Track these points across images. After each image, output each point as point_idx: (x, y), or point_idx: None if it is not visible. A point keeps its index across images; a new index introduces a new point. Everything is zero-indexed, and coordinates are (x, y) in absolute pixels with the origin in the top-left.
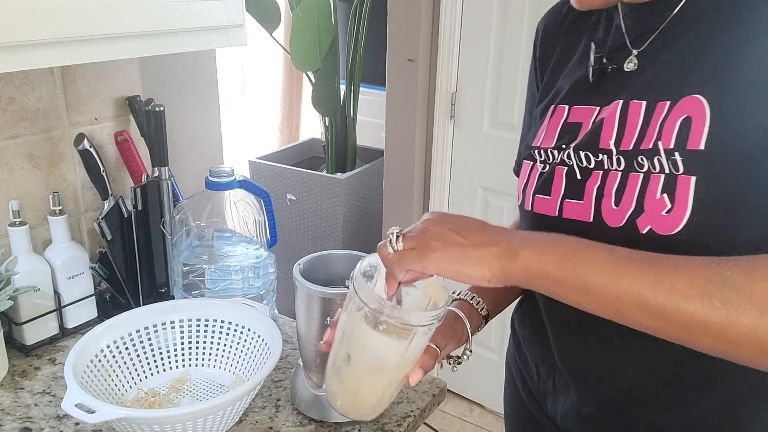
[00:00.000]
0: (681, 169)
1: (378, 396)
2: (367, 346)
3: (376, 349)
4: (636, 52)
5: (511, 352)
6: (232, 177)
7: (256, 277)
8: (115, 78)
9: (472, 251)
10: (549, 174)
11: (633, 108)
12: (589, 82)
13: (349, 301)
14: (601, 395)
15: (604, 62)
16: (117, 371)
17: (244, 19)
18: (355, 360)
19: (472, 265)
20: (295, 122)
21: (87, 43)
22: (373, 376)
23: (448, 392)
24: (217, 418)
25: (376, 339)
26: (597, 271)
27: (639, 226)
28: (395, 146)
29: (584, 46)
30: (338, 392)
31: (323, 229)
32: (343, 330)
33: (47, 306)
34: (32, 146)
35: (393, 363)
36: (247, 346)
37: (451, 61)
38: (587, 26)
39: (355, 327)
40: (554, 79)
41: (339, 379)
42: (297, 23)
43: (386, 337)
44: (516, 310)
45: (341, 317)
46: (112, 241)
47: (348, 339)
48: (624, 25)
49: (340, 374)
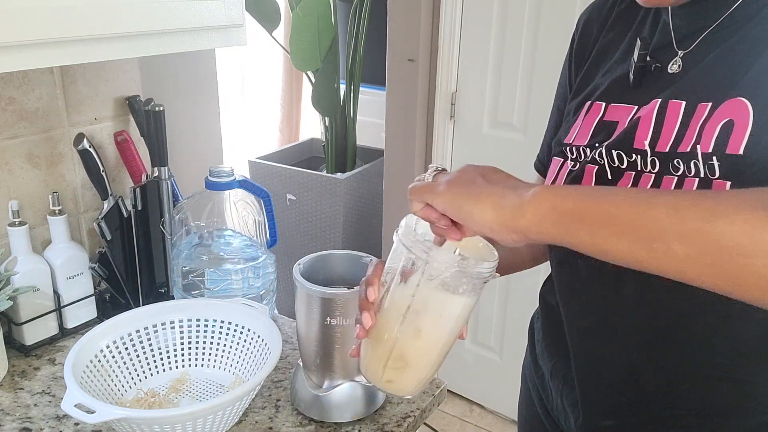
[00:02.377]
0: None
1: (441, 361)
2: (445, 313)
3: (456, 313)
4: (682, 54)
5: (528, 365)
6: (232, 177)
7: (255, 277)
8: (114, 78)
9: (484, 192)
10: (579, 172)
11: (672, 108)
12: (630, 80)
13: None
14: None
15: (648, 60)
16: (116, 371)
17: (243, 18)
18: (428, 331)
19: (477, 207)
20: (295, 122)
21: (87, 43)
22: (446, 342)
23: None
24: (216, 419)
25: (456, 303)
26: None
27: None
28: (395, 146)
29: (629, 41)
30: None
31: (323, 229)
32: (407, 305)
33: (47, 306)
34: (32, 146)
35: (463, 321)
36: (247, 346)
37: (451, 61)
38: (634, 21)
39: (430, 297)
40: (592, 75)
41: (402, 359)
42: (297, 23)
43: (465, 297)
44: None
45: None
46: (111, 241)
47: (416, 313)
48: (672, 23)
49: (405, 352)
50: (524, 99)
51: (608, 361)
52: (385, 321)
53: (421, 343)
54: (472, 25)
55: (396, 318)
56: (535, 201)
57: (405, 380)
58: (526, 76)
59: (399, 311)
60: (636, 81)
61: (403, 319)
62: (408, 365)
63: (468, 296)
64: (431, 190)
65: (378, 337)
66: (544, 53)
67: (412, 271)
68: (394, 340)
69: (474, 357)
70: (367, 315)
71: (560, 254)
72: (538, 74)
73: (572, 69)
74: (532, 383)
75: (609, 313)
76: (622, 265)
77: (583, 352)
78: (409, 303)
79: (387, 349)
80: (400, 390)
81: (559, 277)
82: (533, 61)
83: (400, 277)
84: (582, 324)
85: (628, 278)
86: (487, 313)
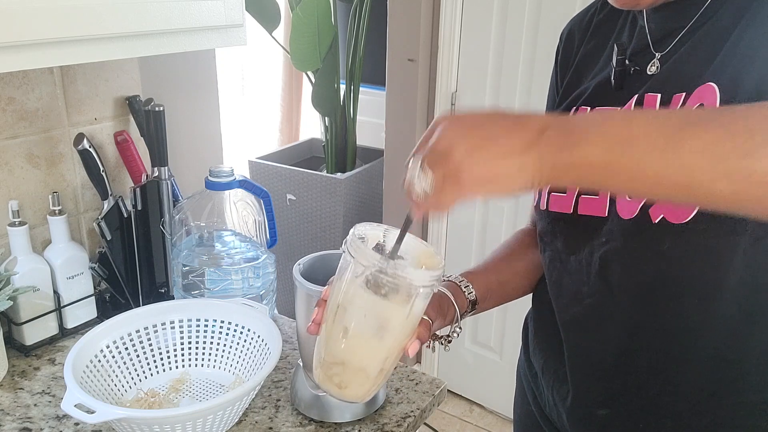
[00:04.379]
0: None
1: (376, 369)
2: (368, 313)
3: (377, 315)
4: (659, 55)
5: (522, 364)
6: (232, 177)
7: (255, 277)
8: (114, 78)
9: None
10: None
11: (648, 100)
12: (612, 83)
13: (344, 271)
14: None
15: (627, 64)
16: (116, 371)
17: (243, 18)
18: (355, 331)
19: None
20: (294, 122)
21: (87, 43)
22: (373, 346)
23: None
24: (216, 419)
25: (378, 304)
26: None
27: (651, 215)
28: (395, 146)
29: (610, 48)
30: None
31: (323, 229)
32: (337, 303)
33: (47, 306)
34: (32, 146)
35: (395, 330)
36: (247, 347)
37: (451, 61)
38: (614, 29)
39: (355, 295)
40: (577, 82)
41: (333, 357)
42: (297, 23)
43: (388, 301)
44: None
45: (332, 292)
46: (111, 241)
47: (344, 310)
48: (647, 27)
49: (336, 350)
50: (524, 99)
51: (599, 349)
52: (325, 318)
53: (349, 342)
54: (472, 25)
55: (331, 314)
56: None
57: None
58: (526, 76)
59: (332, 308)
60: (617, 84)
61: (334, 317)
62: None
63: (394, 301)
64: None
65: (321, 333)
66: (544, 53)
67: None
68: (327, 336)
69: (474, 357)
70: (316, 309)
71: (551, 252)
72: (537, 74)
73: (558, 78)
74: (526, 382)
75: (596, 301)
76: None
77: (575, 343)
78: (339, 300)
79: (322, 346)
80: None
81: (550, 275)
82: (533, 62)
83: (338, 275)
84: (572, 315)
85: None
86: (487, 313)
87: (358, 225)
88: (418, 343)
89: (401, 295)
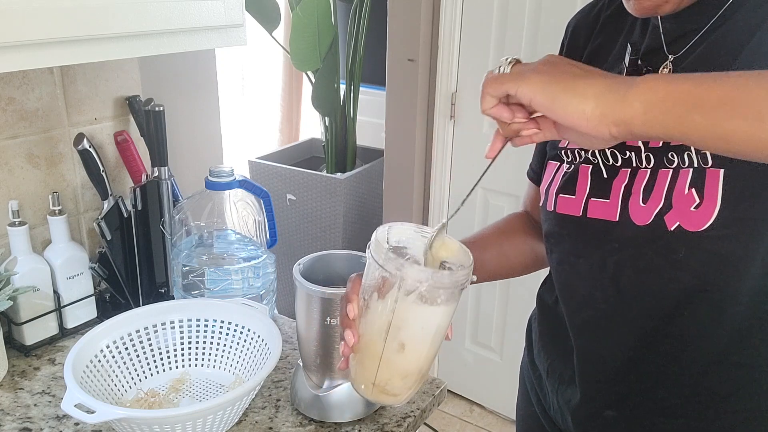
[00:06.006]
0: (710, 162)
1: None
2: (426, 325)
3: (437, 323)
4: (672, 58)
5: (526, 365)
6: (232, 177)
7: (255, 277)
8: (114, 78)
9: (581, 81)
10: (573, 173)
11: None
12: None
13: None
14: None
15: (639, 64)
16: (116, 371)
17: (243, 18)
18: (412, 345)
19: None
20: (294, 122)
21: (87, 43)
22: (430, 350)
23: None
24: (216, 419)
25: (436, 314)
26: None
27: (667, 223)
28: (395, 146)
29: (620, 46)
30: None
31: (323, 229)
32: (387, 323)
33: (47, 306)
34: (32, 146)
35: (446, 328)
36: (247, 347)
37: (451, 61)
38: (624, 26)
39: (408, 312)
40: None
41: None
42: (297, 23)
43: (443, 307)
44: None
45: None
46: (111, 241)
47: (397, 329)
48: (662, 27)
49: (393, 367)
50: None
51: (610, 353)
52: (369, 338)
53: (406, 356)
54: (472, 25)
55: (378, 335)
56: (645, 88)
57: (395, 390)
58: None
59: (381, 328)
60: None
61: (386, 336)
62: (396, 377)
63: (447, 305)
64: (517, 78)
65: (364, 352)
66: (544, 53)
67: (387, 287)
68: (379, 356)
69: (474, 357)
70: (350, 332)
71: (559, 254)
72: None
73: None
74: (530, 383)
75: (608, 306)
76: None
77: (585, 346)
78: (390, 319)
79: (374, 364)
80: (392, 400)
81: (559, 276)
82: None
83: (377, 294)
84: (582, 319)
85: (627, 271)
86: (488, 313)
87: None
88: None
89: (455, 296)
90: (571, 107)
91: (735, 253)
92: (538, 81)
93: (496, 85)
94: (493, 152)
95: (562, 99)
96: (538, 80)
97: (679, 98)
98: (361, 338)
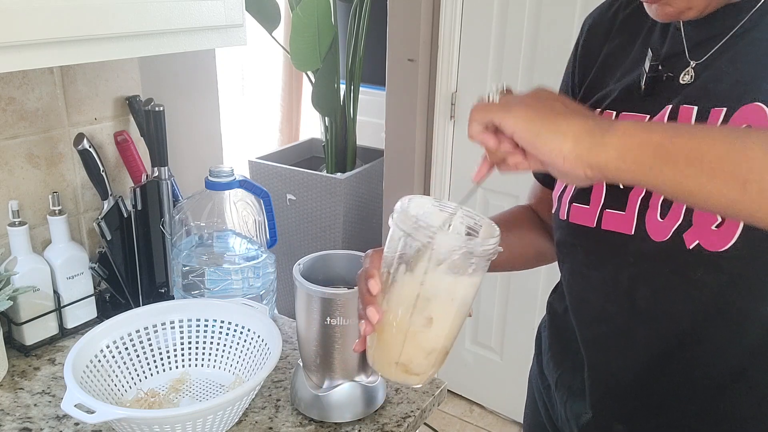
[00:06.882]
0: None
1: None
2: (455, 296)
3: (466, 294)
4: (694, 64)
5: (534, 374)
6: (232, 177)
7: (255, 277)
8: (114, 78)
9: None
10: None
11: (683, 113)
12: (641, 89)
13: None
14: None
15: (659, 69)
16: (116, 371)
17: (243, 18)
18: (441, 317)
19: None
20: (294, 122)
21: (87, 43)
22: (458, 323)
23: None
24: (216, 419)
25: (466, 284)
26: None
27: (686, 241)
28: (395, 146)
29: (639, 49)
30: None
31: (323, 229)
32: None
33: (47, 306)
34: (32, 146)
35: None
36: (247, 347)
37: (451, 61)
38: (643, 27)
39: (440, 283)
40: (601, 82)
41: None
42: (297, 23)
43: (473, 278)
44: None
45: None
46: (111, 241)
47: (426, 301)
48: (684, 31)
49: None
50: None
51: (620, 369)
52: (393, 313)
53: (434, 330)
54: (472, 25)
55: (406, 308)
56: (621, 134)
57: (418, 369)
58: (526, 76)
59: (408, 301)
60: (647, 90)
61: (413, 309)
62: (421, 354)
63: (476, 275)
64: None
65: (387, 330)
66: (544, 53)
67: (416, 258)
68: (405, 331)
69: (474, 357)
70: (373, 309)
71: (571, 265)
72: (538, 74)
73: (576, 74)
74: (538, 392)
75: (622, 322)
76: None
77: (597, 361)
78: (418, 291)
79: (399, 341)
80: (414, 380)
81: (570, 287)
82: (533, 62)
83: (405, 265)
84: (594, 333)
85: (642, 288)
86: (488, 313)
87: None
88: None
89: (483, 266)
90: (550, 145)
91: (755, 275)
92: (521, 115)
93: (482, 113)
94: (479, 177)
95: (542, 136)
96: (522, 115)
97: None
98: (385, 315)
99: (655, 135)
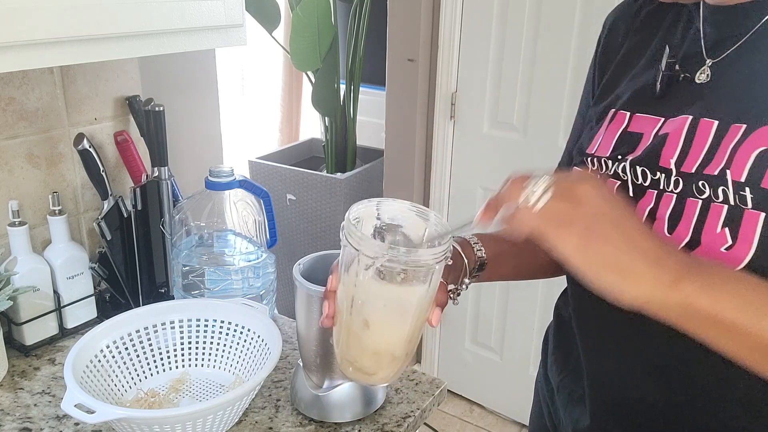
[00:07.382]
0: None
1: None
2: (387, 302)
3: (397, 301)
4: (710, 63)
5: (540, 377)
6: (232, 177)
7: (255, 277)
8: (114, 78)
9: (625, 258)
10: None
11: (703, 126)
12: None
13: (349, 262)
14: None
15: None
16: (116, 371)
17: (243, 18)
18: (377, 322)
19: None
20: (294, 122)
21: (87, 43)
22: (398, 330)
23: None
24: (216, 419)
25: (395, 291)
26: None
27: None
28: (395, 146)
29: (656, 47)
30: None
31: (323, 229)
32: (351, 296)
33: (47, 306)
34: (32, 146)
35: (417, 309)
36: (247, 347)
37: (451, 61)
38: (662, 25)
39: (369, 287)
40: (617, 80)
41: (358, 349)
42: (297, 23)
43: (406, 286)
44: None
45: (342, 285)
46: (111, 241)
47: (361, 303)
48: (702, 30)
49: (359, 343)
50: (524, 99)
51: (622, 381)
52: (338, 312)
53: (372, 333)
54: (472, 25)
55: (347, 309)
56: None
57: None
58: (526, 76)
59: (347, 302)
60: (662, 91)
61: (351, 310)
62: (366, 355)
63: (411, 284)
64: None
65: (338, 326)
66: (544, 53)
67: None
68: (348, 330)
69: (474, 357)
70: (326, 303)
71: None
72: (538, 74)
73: (596, 72)
74: (542, 396)
75: (625, 336)
76: None
77: (596, 369)
78: (353, 294)
79: (344, 339)
80: (368, 379)
81: (575, 295)
82: (533, 62)
83: (345, 267)
84: (597, 344)
85: None
86: (488, 313)
87: (352, 207)
88: (440, 311)
89: (419, 276)
90: (612, 285)
91: None
92: (575, 244)
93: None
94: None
95: (602, 275)
96: (575, 243)
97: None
98: (337, 313)
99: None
